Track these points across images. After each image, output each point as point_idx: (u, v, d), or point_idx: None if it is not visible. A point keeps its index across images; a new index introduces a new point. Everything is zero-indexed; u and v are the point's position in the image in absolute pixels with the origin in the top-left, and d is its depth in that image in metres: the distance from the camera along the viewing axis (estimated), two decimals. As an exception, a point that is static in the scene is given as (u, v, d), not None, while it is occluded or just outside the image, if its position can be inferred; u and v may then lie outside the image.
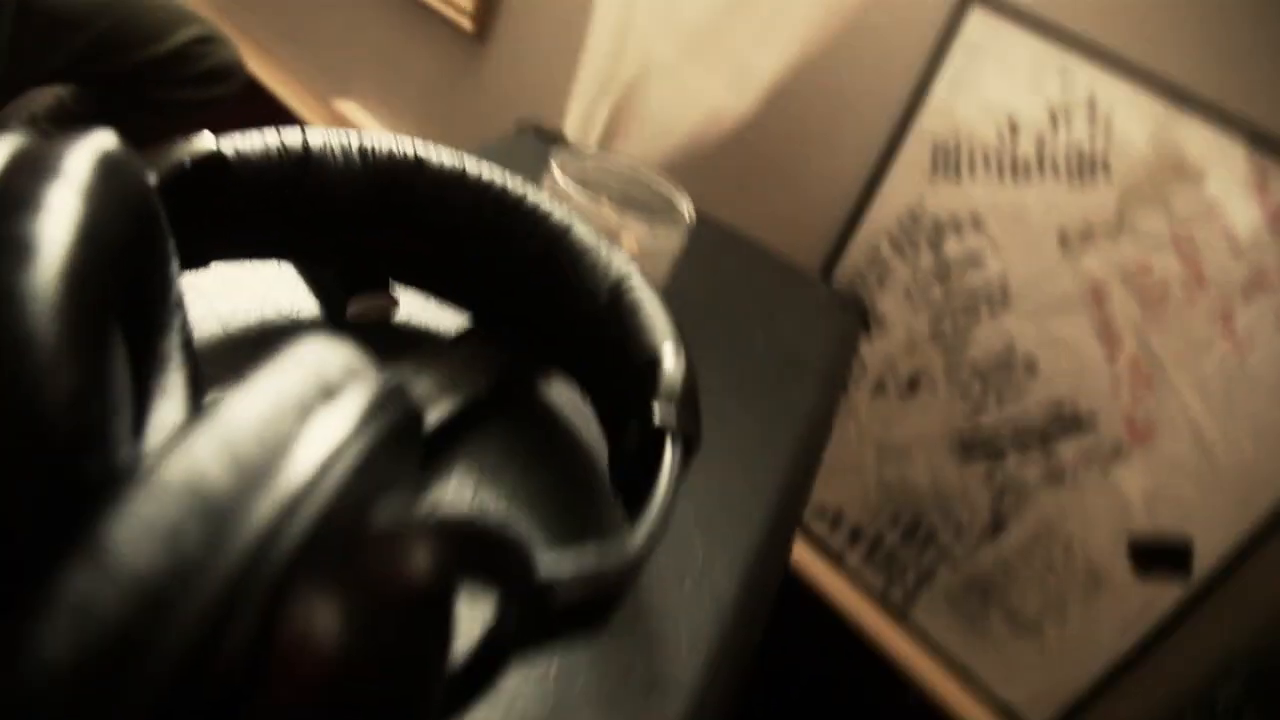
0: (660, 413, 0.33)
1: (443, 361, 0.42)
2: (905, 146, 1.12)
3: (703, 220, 0.60)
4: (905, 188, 1.13)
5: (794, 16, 0.92)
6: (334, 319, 0.44)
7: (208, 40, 1.07)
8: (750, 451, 0.51)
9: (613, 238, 0.52)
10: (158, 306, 0.30)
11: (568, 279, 0.41)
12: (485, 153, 0.69)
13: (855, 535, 1.31)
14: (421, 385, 0.39)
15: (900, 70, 1.10)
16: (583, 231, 0.42)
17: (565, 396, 0.46)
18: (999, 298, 1.10)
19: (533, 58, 1.48)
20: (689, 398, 0.34)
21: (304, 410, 0.20)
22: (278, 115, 1.83)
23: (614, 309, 0.39)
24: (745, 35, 0.94)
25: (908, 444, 1.24)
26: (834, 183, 1.18)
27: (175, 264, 0.30)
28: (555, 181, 0.52)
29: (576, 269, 0.41)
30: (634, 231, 0.51)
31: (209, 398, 0.35)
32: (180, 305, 0.30)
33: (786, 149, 1.18)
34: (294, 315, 0.44)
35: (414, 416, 0.23)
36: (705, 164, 1.08)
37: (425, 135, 1.60)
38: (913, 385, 1.20)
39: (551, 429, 0.44)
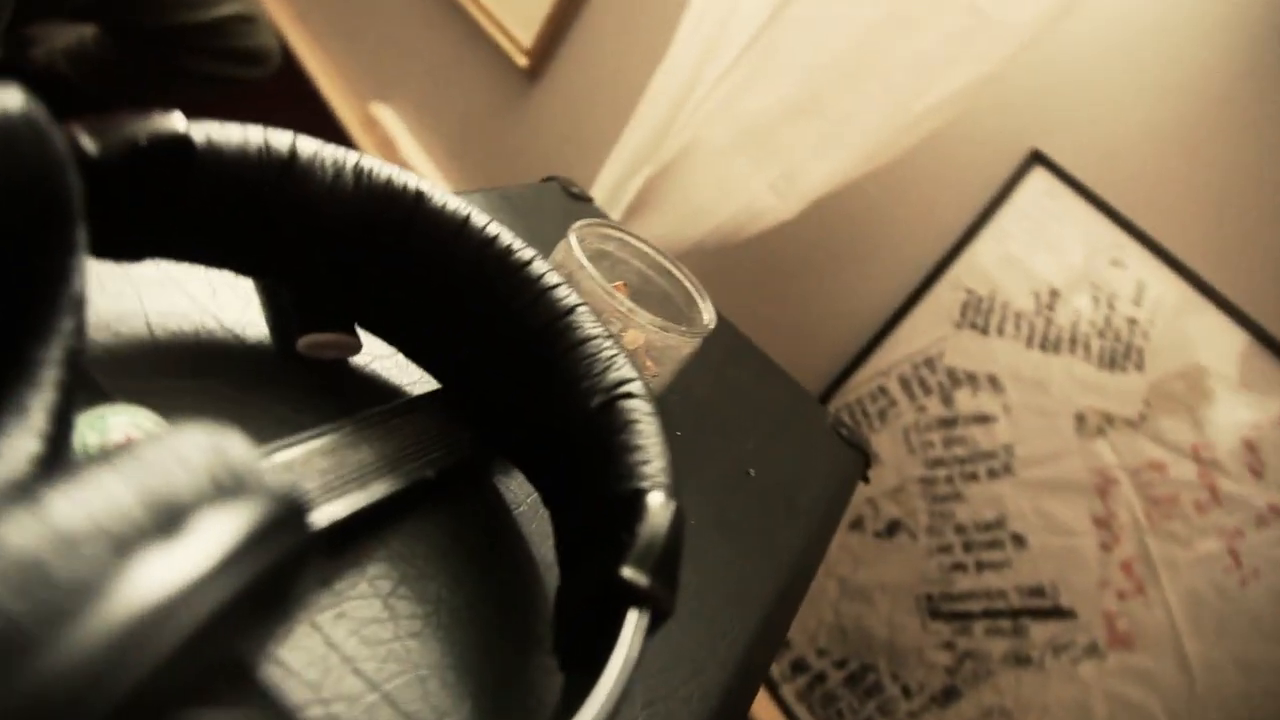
0: (632, 570, 0.27)
1: (391, 427, 0.35)
2: (937, 289, 1.08)
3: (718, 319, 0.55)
4: (928, 329, 1.09)
5: (859, 132, 0.88)
6: (282, 347, 0.38)
7: (250, 20, 1.02)
8: (726, 595, 0.44)
9: (621, 326, 0.46)
10: (39, 303, 0.23)
11: (559, 367, 0.35)
12: (505, 199, 0.64)
13: (798, 667, 1.23)
14: (359, 455, 0.33)
15: (951, 211, 1.06)
16: (587, 317, 0.36)
17: (524, 501, 0.40)
18: (1001, 463, 1.05)
19: (579, 108, 1.44)
20: (669, 561, 0.28)
21: (134, 542, 0.14)
22: (309, 104, 1.79)
23: (604, 419, 0.33)
24: (804, 141, 0.89)
25: (873, 588, 1.17)
26: (857, 305, 1.13)
27: (79, 256, 0.24)
28: (571, 253, 0.46)
29: (571, 358, 0.35)
30: (646, 328, 0.45)
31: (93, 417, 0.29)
32: (76, 306, 0.24)
33: (817, 261, 1.13)
34: (236, 332, 0.37)
35: (295, 557, 0.16)
36: (728, 256, 1.03)
37: (453, 160, 1.56)
38: (891, 529, 1.14)
39: (497, 538, 0.38)
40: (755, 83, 0.90)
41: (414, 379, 0.41)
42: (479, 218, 0.36)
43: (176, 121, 0.30)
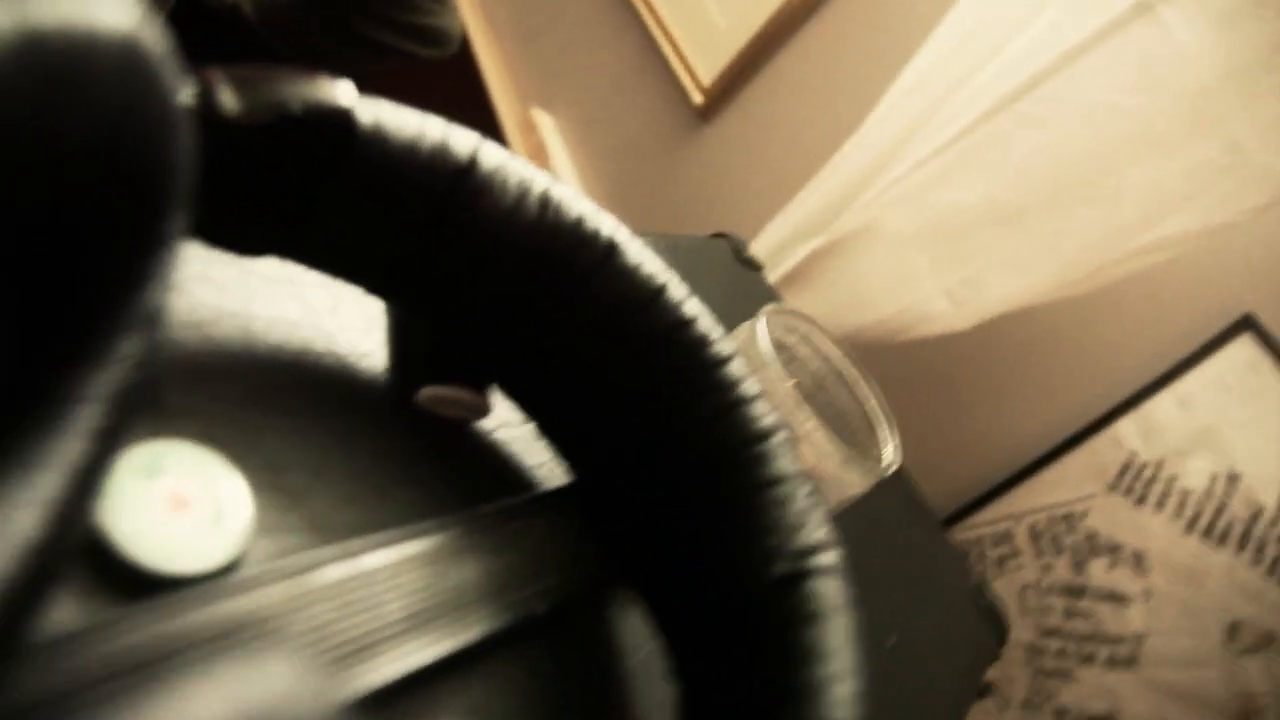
0: None
1: (506, 535, 0.28)
2: (1096, 441, 0.96)
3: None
4: (1076, 483, 0.97)
5: (1064, 254, 0.78)
6: (399, 391, 0.31)
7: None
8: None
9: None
10: (93, 315, 0.16)
11: (739, 509, 0.27)
12: (671, 250, 0.56)
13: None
14: (460, 572, 0.25)
15: (1134, 358, 0.94)
16: (786, 448, 0.28)
17: (643, 648, 0.31)
18: (1126, 653, 0.92)
19: (749, 159, 1.37)
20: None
21: None
22: (470, 92, 1.76)
23: (784, 601, 0.25)
24: (998, 251, 0.80)
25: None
26: (1005, 436, 1.02)
27: (166, 256, 0.17)
28: (755, 345, 0.38)
29: (757, 501, 0.27)
30: (824, 455, 0.37)
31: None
32: (147, 325, 0.17)
33: (972, 376, 1.03)
34: (350, 361, 0.31)
35: None
36: (879, 349, 0.93)
37: (602, 181, 1.50)
38: (981, 691, 1.02)
39: (603, 695, 0.30)
40: (957, 176, 0.81)
41: (541, 461, 0.33)
42: (676, 290, 0.29)
43: (343, 93, 0.23)
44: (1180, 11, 0.69)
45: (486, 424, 0.33)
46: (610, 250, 0.28)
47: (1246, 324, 0.89)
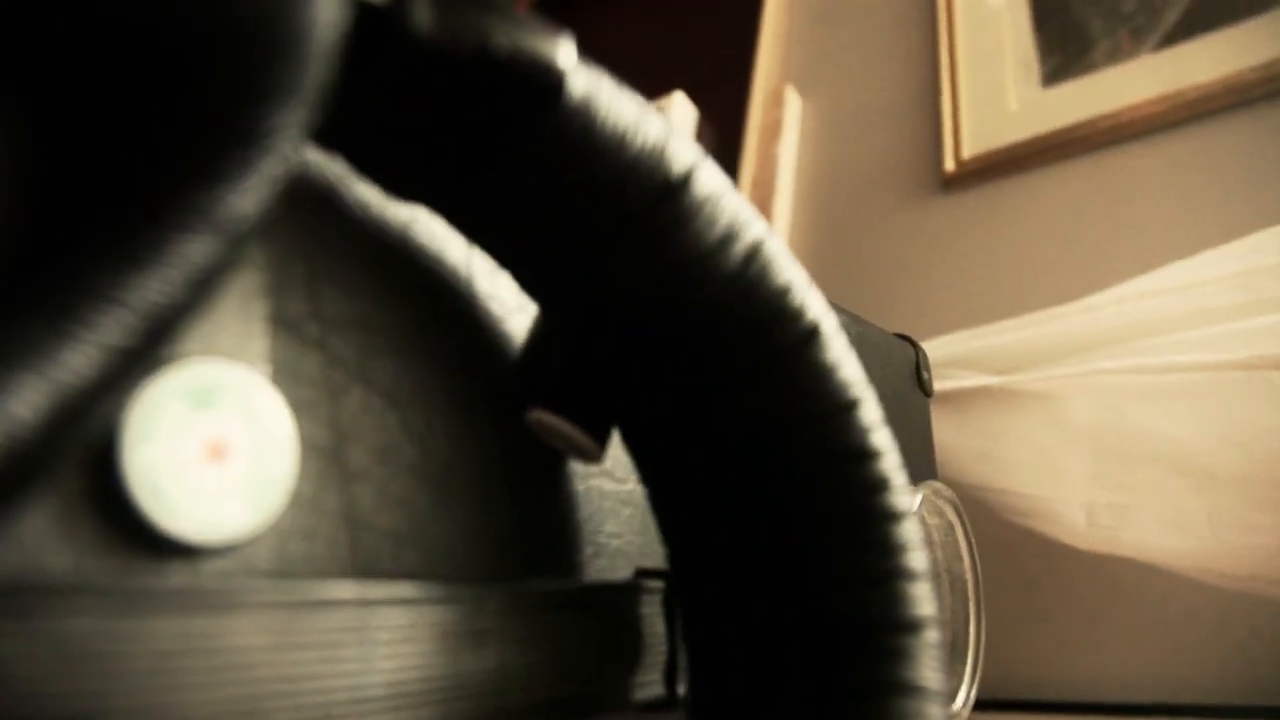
0: None
1: (553, 626, 0.23)
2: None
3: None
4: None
5: (1228, 539, 0.69)
6: (511, 394, 0.27)
7: None
8: None
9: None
10: (151, 205, 0.12)
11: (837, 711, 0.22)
12: (860, 340, 0.51)
13: None
14: (479, 656, 0.21)
15: (1240, 674, 0.85)
16: (932, 648, 0.23)
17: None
18: None
19: (966, 252, 1.28)
20: None
21: None
22: (740, 44, 1.70)
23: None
24: (1165, 500, 0.72)
25: None
26: (1067, 664, 0.94)
27: (269, 159, 0.13)
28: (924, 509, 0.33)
29: (869, 711, 0.22)
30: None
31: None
32: (222, 230, 0.13)
33: (1074, 592, 0.95)
34: (480, 337, 0.27)
35: None
36: (990, 511, 0.86)
37: (818, 187, 1.44)
38: None
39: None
40: (1167, 404, 0.73)
41: (623, 534, 0.29)
42: (869, 412, 0.24)
43: (563, 52, 0.19)
44: None
45: (584, 467, 0.29)
46: (811, 337, 0.23)
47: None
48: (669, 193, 0.21)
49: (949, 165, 1.35)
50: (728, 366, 0.23)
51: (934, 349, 0.92)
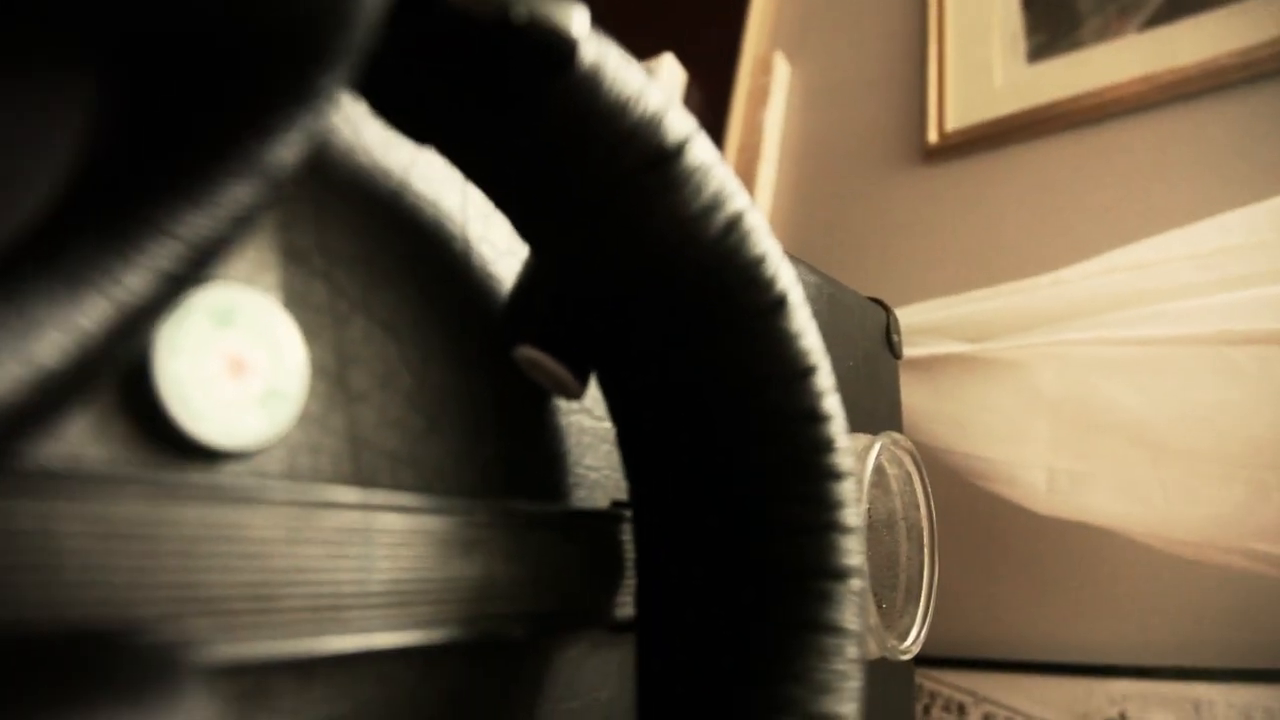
0: None
1: (529, 544, 0.25)
2: (1097, 684, 0.92)
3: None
4: (1051, 704, 0.93)
5: (1178, 508, 0.72)
6: (501, 329, 0.28)
7: None
8: None
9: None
10: (212, 152, 0.14)
11: (771, 641, 0.24)
12: (832, 301, 0.53)
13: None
14: (461, 565, 0.23)
15: (1187, 636, 0.89)
16: (855, 597, 0.25)
17: (589, 695, 0.30)
18: None
19: (945, 223, 1.30)
20: None
21: None
22: (732, 8, 1.70)
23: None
24: (1122, 467, 0.75)
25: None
26: (1021, 623, 0.98)
27: (308, 108, 0.15)
28: (860, 463, 0.35)
29: (796, 643, 0.24)
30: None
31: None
32: (268, 176, 0.15)
33: (1028, 553, 0.98)
34: (474, 277, 0.28)
35: None
36: (955, 476, 0.89)
37: (801, 151, 1.45)
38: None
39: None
40: (1132, 376, 0.76)
41: (601, 467, 0.31)
42: (823, 379, 0.26)
43: (577, 21, 0.20)
44: None
45: (569, 403, 0.31)
46: (778, 306, 0.25)
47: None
48: (662, 160, 0.23)
49: (932, 137, 1.37)
50: (700, 324, 0.25)
51: (909, 315, 0.94)
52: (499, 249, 0.30)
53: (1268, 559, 0.71)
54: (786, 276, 0.25)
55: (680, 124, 0.23)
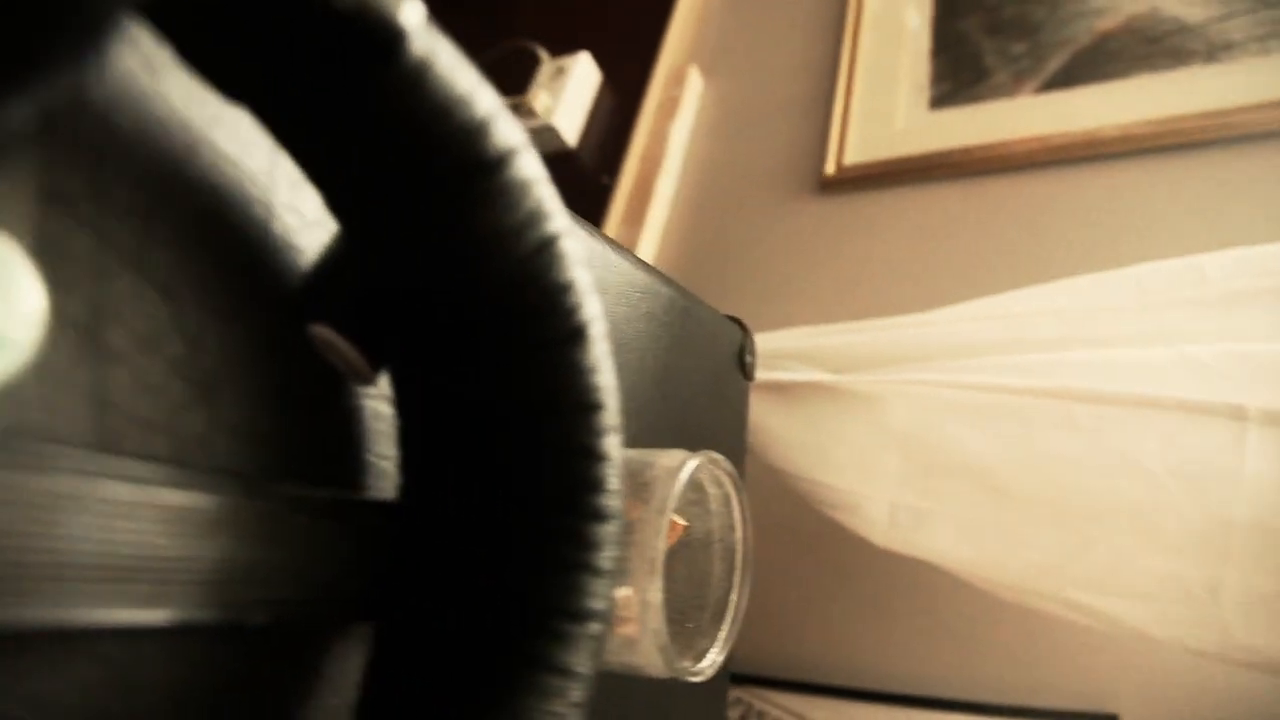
0: None
1: (288, 528, 0.24)
2: (919, 715, 0.94)
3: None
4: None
5: (1008, 554, 0.75)
6: (300, 309, 0.27)
7: None
8: None
9: (628, 592, 0.34)
10: None
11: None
12: (684, 313, 0.52)
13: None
14: (210, 544, 0.21)
15: (1005, 673, 0.92)
16: (598, 625, 0.25)
17: (331, 697, 0.28)
18: None
19: (827, 254, 1.32)
20: None
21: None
22: (652, 20, 1.70)
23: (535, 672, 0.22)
24: (963, 511, 0.77)
25: None
26: (850, 650, 1.00)
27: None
28: (674, 476, 0.34)
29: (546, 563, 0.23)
30: (647, 619, 0.34)
31: None
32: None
33: (864, 581, 1.00)
34: (272, 245, 0.27)
35: None
36: (799, 499, 0.90)
37: (699, 166, 1.45)
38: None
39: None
40: (981, 420, 0.78)
41: (387, 458, 0.30)
42: (607, 419, 0.25)
43: (404, 13, 0.19)
44: (1264, 445, 0.66)
45: (364, 388, 0.29)
46: (575, 336, 0.24)
47: (1112, 721, 0.87)
48: (481, 169, 0.21)
49: (829, 169, 1.39)
50: (494, 340, 0.24)
51: (777, 340, 0.95)
52: (306, 219, 0.28)
53: (1081, 608, 0.73)
54: (590, 309, 0.24)
55: (506, 135, 0.22)
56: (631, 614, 0.35)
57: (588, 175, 1.55)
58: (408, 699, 0.24)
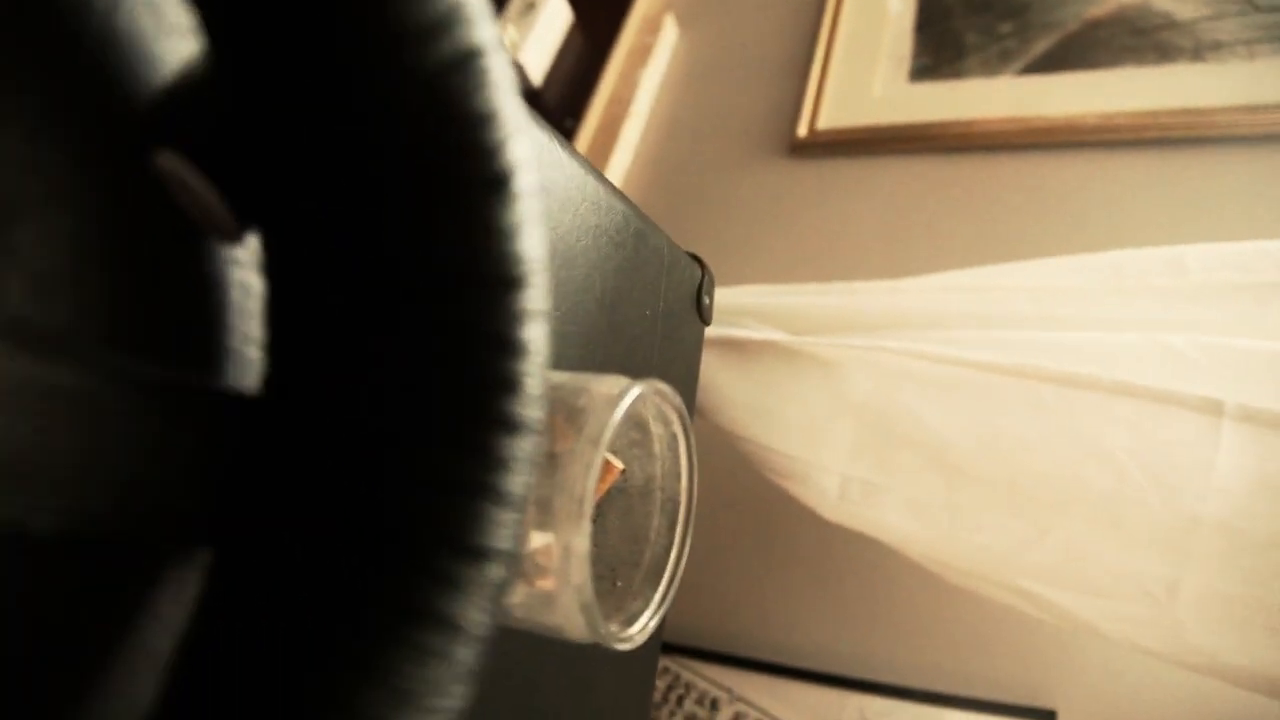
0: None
1: (117, 411, 0.18)
2: (848, 695, 0.90)
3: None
4: (799, 709, 0.91)
5: (960, 535, 0.71)
6: (149, 126, 0.21)
7: None
8: None
9: (543, 522, 0.29)
10: None
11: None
12: (641, 237, 0.47)
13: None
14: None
15: (940, 659, 0.89)
16: (499, 568, 0.19)
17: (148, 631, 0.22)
18: None
19: (793, 216, 1.27)
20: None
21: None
22: (635, -40, 1.63)
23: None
24: (917, 487, 0.72)
25: None
26: (789, 627, 0.96)
27: None
28: (612, 407, 0.29)
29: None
30: (568, 575, 0.28)
31: None
32: None
33: (807, 556, 0.96)
34: (128, 47, 0.20)
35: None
36: (747, 463, 0.85)
37: (667, 115, 1.39)
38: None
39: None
40: (943, 393, 0.73)
41: (251, 341, 0.24)
42: (529, 300, 0.19)
43: None
44: (1238, 442, 0.63)
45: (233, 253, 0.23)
46: (495, 185, 0.18)
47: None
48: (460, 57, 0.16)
49: (801, 131, 1.34)
50: (385, 181, 0.18)
51: (735, 295, 0.90)
52: (169, 24, 0.22)
53: (1030, 598, 0.70)
54: (519, 153, 0.18)
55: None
56: (550, 564, 0.29)
57: (551, 116, 1.47)
58: (241, 650, 0.18)
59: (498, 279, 0.18)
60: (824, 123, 1.35)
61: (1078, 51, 1.35)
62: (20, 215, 0.18)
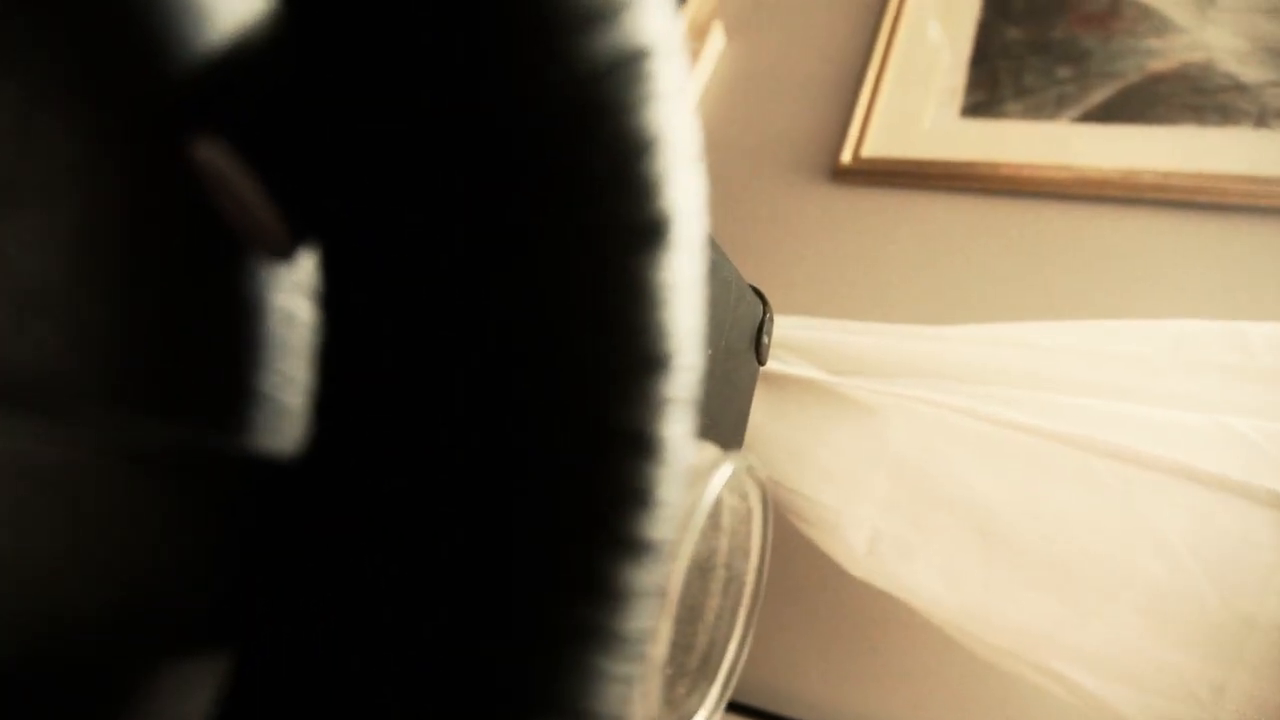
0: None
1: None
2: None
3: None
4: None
5: (994, 608, 0.66)
6: (190, 110, 0.16)
7: None
8: None
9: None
10: None
11: None
12: (718, 268, 0.42)
13: None
14: None
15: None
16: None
17: None
18: None
19: (833, 248, 1.23)
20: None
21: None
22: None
23: None
24: (951, 550, 0.68)
25: None
26: (822, 682, 0.91)
27: None
28: (702, 485, 0.24)
29: None
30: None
31: None
32: None
33: (839, 613, 0.92)
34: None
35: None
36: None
37: (707, 124, 1.34)
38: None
39: None
40: (989, 455, 0.69)
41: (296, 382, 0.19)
42: (679, 386, 0.15)
43: None
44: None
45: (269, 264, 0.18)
46: (652, 233, 0.14)
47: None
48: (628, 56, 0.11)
49: (845, 158, 1.30)
50: (503, 214, 0.13)
51: (775, 326, 0.85)
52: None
53: (1065, 683, 0.65)
54: (687, 196, 0.14)
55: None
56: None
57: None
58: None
59: (637, 357, 0.14)
60: (869, 150, 1.30)
61: (1137, 105, 1.30)
62: (2, 211, 0.14)
